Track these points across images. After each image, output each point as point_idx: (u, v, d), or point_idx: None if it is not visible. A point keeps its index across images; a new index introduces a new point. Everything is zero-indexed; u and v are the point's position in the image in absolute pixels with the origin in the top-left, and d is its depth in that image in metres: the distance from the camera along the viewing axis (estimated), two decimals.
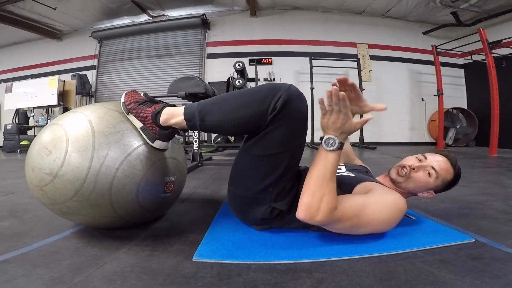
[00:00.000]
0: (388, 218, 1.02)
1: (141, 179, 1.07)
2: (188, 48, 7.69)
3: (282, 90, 0.96)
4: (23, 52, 8.39)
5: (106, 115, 1.10)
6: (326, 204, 0.90)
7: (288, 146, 1.02)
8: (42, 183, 1.01)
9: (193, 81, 3.24)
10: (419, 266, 0.87)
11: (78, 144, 1.00)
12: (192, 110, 1.05)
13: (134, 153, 1.06)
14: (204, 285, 0.78)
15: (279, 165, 1.03)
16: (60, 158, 0.99)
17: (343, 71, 7.22)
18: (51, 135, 1.05)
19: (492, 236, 1.11)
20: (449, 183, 1.21)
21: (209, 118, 1.02)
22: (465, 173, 2.71)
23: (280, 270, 0.87)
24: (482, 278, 0.79)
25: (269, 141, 1.00)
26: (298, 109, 0.98)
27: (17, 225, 1.29)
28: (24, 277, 0.81)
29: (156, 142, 1.10)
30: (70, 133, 1.03)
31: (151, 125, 1.09)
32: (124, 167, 1.03)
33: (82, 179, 0.98)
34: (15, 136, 6.53)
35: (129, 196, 1.06)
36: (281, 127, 0.97)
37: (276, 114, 0.95)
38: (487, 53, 4.76)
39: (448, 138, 6.72)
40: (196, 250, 0.99)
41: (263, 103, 0.96)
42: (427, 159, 1.21)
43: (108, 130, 1.05)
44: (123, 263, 0.91)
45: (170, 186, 1.21)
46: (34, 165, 1.03)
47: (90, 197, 1.00)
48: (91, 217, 1.07)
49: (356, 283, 0.78)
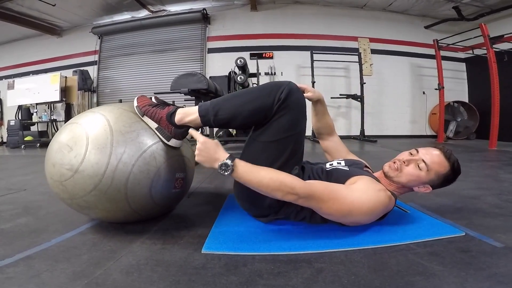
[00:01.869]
0: (367, 206, 1.06)
1: (154, 175, 1.15)
2: (189, 42, 7.70)
3: (284, 85, 1.13)
4: (24, 48, 8.43)
5: (122, 115, 1.18)
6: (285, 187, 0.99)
7: (292, 131, 1.14)
8: (63, 178, 1.09)
9: (196, 77, 3.29)
10: (411, 258, 0.94)
11: (98, 141, 1.08)
12: (206, 107, 1.17)
13: (149, 151, 1.14)
14: (213, 275, 0.85)
15: (286, 149, 1.14)
16: (80, 155, 1.07)
17: (344, 65, 7.27)
18: (72, 134, 1.13)
19: (482, 230, 1.17)
20: (446, 177, 1.22)
21: (222, 112, 1.15)
22: (464, 167, 2.75)
23: (283, 261, 0.94)
24: (468, 270, 0.86)
25: (276, 128, 1.13)
26: (298, 100, 1.14)
27: (33, 221, 1.36)
28: (49, 272, 0.88)
29: (172, 140, 1.20)
30: (90, 132, 1.11)
31: (167, 125, 1.18)
32: (140, 163, 1.11)
33: (101, 174, 1.06)
34: (18, 132, 6.60)
35: (143, 191, 1.14)
36: (285, 115, 1.12)
37: (281, 104, 1.10)
38: (488, 48, 4.77)
39: (449, 131, 6.77)
40: (204, 242, 1.07)
41: (269, 97, 1.11)
42: (418, 153, 1.24)
43: (125, 129, 1.14)
44: (138, 256, 0.98)
45: (180, 182, 1.28)
46: (55, 161, 1.10)
47: (107, 191, 1.08)
48: (107, 211, 1.15)
49: (352, 272, 0.85)
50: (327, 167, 1.34)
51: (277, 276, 0.84)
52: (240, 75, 4.35)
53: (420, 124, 7.64)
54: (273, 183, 0.99)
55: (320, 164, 1.41)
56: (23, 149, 6.08)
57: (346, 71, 7.44)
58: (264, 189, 1.01)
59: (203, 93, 3.37)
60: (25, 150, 5.86)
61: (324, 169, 1.31)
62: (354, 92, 6.98)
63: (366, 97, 6.73)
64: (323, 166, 1.35)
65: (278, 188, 0.99)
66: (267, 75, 7.33)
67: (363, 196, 1.06)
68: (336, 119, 7.42)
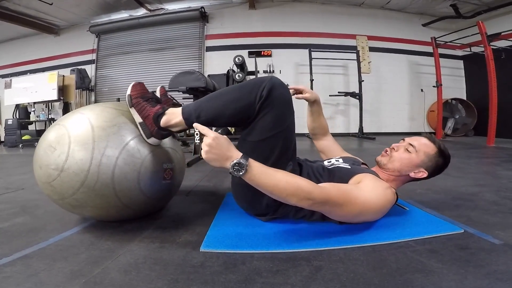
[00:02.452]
0: (377, 206, 1.07)
1: (140, 166, 1.15)
2: (187, 41, 7.69)
3: (266, 81, 1.10)
4: (21, 47, 8.39)
5: (103, 112, 1.20)
6: (301, 193, 0.94)
7: (279, 128, 1.12)
8: (50, 179, 1.09)
9: (194, 76, 3.28)
10: (410, 255, 0.94)
11: (80, 138, 1.10)
12: (189, 109, 1.16)
13: (131, 143, 1.15)
14: (212, 273, 0.85)
15: (275, 147, 1.13)
16: (64, 153, 1.08)
17: (342, 63, 7.26)
18: (55, 134, 1.13)
19: (481, 227, 1.17)
20: (436, 159, 1.26)
21: (204, 114, 1.14)
22: (462, 164, 2.80)
23: (281, 259, 0.93)
24: (467, 267, 0.85)
25: (262, 126, 1.11)
26: (281, 95, 1.11)
27: (30, 220, 1.36)
28: (46, 271, 0.87)
29: (151, 139, 1.20)
30: (72, 130, 1.12)
31: (151, 124, 1.18)
32: (124, 155, 1.12)
33: (86, 170, 1.07)
34: (16, 131, 6.59)
35: (131, 184, 1.14)
36: (270, 112, 1.10)
37: (263, 101, 1.08)
38: (486, 46, 4.78)
39: (447, 128, 6.80)
40: (203, 241, 1.06)
41: (251, 95, 1.09)
42: (405, 140, 1.32)
43: (106, 124, 1.15)
44: (136, 255, 0.98)
45: (169, 173, 1.29)
46: (41, 163, 1.11)
47: (95, 187, 1.08)
48: (98, 208, 1.14)
49: (351, 270, 0.85)
50: (328, 165, 1.33)
51: (276, 274, 0.84)
52: (238, 73, 4.35)
53: (418, 121, 7.66)
54: (290, 187, 0.93)
55: (319, 162, 1.41)
56: (21, 148, 6.07)
57: (344, 69, 7.44)
58: (277, 194, 0.94)
59: (202, 91, 3.36)
60: (22, 149, 5.84)
61: (325, 167, 1.31)
62: (352, 89, 6.97)
63: (364, 95, 6.73)
64: (323, 164, 1.35)
65: (294, 193, 0.92)
66: (266, 73, 7.32)
67: (372, 195, 1.06)
68: (334, 117, 7.43)
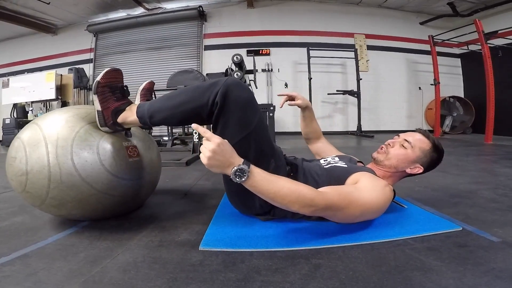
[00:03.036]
0: (377, 205, 1.07)
1: (97, 147, 1.17)
2: (185, 40, 7.67)
3: (219, 85, 1.06)
4: (18, 47, 8.36)
5: (48, 115, 1.26)
6: (303, 200, 0.92)
7: (245, 131, 1.09)
8: (23, 185, 1.13)
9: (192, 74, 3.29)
10: (409, 253, 0.94)
11: (31, 140, 1.14)
12: (143, 109, 1.17)
13: (82, 130, 1.18)
14: (211, 272, 0.85)
15: (248, 150, 1.10)
16: (23, 158, 1.12)
17: (341, 61, 7.27)
18: (13, 148, 1.18)
19: (479, 224, 1.17)
20: (431, 155, 1.27)
21: (156, 115, 1.15)
22: (460, 161, 2.81)
23: (280, 257, 0.94)
24: (465, 265, 0.86)
25: (228, 133, 1.08)
26: (238, 98, 1.07)
27: (29, 220, 1.36)
28: (45, 270, 0.87)
29: (104, 128, 1.21)
30: (23, 136, 1.17)
31: (108, 117, 1.19)
32: (77, 142, 1.15)
33: (46, 165, 1.10)
34: (14, 130, 6.55)
35: (95, 167, 1.15)
36: (231, 117, 1.07)
37: (220, 108, 1.06)
38: (483, 44, 4.79)
39: (445, 126, 6.82)
40: (202, 239, 1.06)
41: (203, 97, 1.07)
42: (400, 136, 1.33)
43: (51, 121, 1.20)
44: (135, 253, 0.98)
45: (133, 150, 1.30)
46: (11, 176, 1.16)
47: (62, 179, 1.10)
48: (77, 201, 1.14)
49: (349, 268, 0.85)
50: (324, 164, 1.33)
51: (275, 272, 0.84)
52: (236, 72, 4.34)
53: (416, 119, 7.68)
54: (291, 194, 0.91)
55: (315, 162, 1.41)
56: None
57: (342, 67, 7.44)
58: (279, 201, 0.92)
59: None
60: None
61: (322, 166, 1.30)
62: (350, 88, 6.97)
63: (362, 93, 6.74)
64: (319, 164, 1.34)
65: (296, 200, 0.91)
66: (264, 71, 7.33)
67: (372, 195, 1.05)
68: (333, 115, 7.44)
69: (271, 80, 7.44)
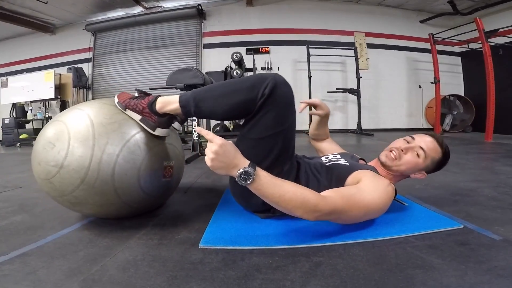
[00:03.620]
0: (380, 205, 1.06)
1: (140, 164, 1.14)
2: (184, 38, 7.65)
3: (269, 79, 1.06)
4: (17, 46, 8.34)
5: (102, 109, 1.18)
6: (307, 206, 0.91)
7: (279, 128, 1.10)
8: (50, 175, 1.07)
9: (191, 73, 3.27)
10: (410, 251, 0.94)
11: (80, 135, 1.08)
12: (187, 97, 1.14)
13: (132, 140, 1.13)
14: (211, 270, 0.84)
15: (275, 146, 1.11)
16: (64, 150, 1.06)
17: (340, 59, 7.25)
18: (53, 131, 1.11)
19: (480, 222, 1.17)
20: (439, 163, 1.25)
21: (202, 104, 1.12)
22: (460, 160, 2.80)
23: (281, 255, 0.93)
24: (467, 263, 0.85)
25: (263, 125, 1.09)
26: (284, 94, 1.08)
27: (29, 219, 1.35)
28: (45, 268, 0.87)
29: (157, 130, 1.18)
30: (71, 127, 1.10)
31: (149, 115, 1.16)
32: (124, 153, 1.10)
33: (86, 167, 1.05)
34: (13, 130, 6.56)
35: (131, 181, 1.13)
36: (271, 111, 1.07)
37: (265, 99, 1.05)
38: (483, 42, 4.77)
39: (445, 124, 6.81)
40: (202, 237, 1.06)
41: (252, 90, 1.06)
42: (414, 140, 1.25)
43: (106, 120, 1.13)
44: (135, 252, 0.97)
45: (169, 170, 1.27)
46: (40, 160, 1.09)
47: (95, 184, 1.07)
48: (98, 205, 1.13)
49: (350, 266, 0.85)
50: (325, 162, 1.32)
51: (275, 270, 0.84)
52: (236, 70, 4.33)
53: (416, 117, 7.67)
54: (296, 199, 0.90)
55: (316, 159, 1.40)
56: (19, 147, 6.04)
57: (342, 66, 7.42)
58: (283, 205, 0.91)
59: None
60: (20, 148, 5.82)
61: (323, 164, 1.29)
62: (350, 86, 6.96)
63: (362, 91, 6.72)
64: (321, 161, 1.33)
65: (300, 205, 0.90)
66: (264, 70, 7.31)
67: (375, 195, 1.04)
68: (333, 113, 7.38)
69: None
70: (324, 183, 1.19)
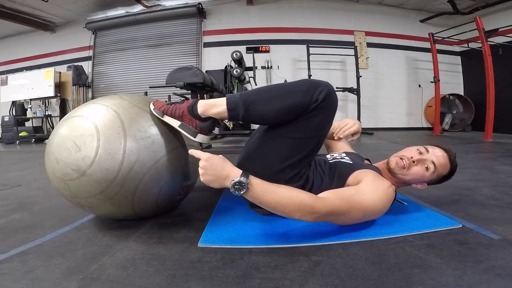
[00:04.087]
0: (380, 207, 1.06)
1: (164, 184, 1.12)
2: (184, 37, 7.64)
3: (323, 85, 1.06)
4: (17, 45, 8.34)
5: (137, 116, 1.10)
6: (303, 209, 0.92)
7: (318, 132, 1.11)
8: (67, 177, 1.02)
9: (191, 71, 3.26)
10: (408, 250, 0.94)
11: (110, 146, 1.01)
12: (236, 100, 1.08)
13: (162, 160, 1.09)
14: (210, 269, 0.84)
15: (305, 148, 1.11)
16: (90, 158, 0.99)
17: (340, 58, 7.25)
18: (81, 131, 1.03)
19: (479, 222, 1.17)
20: (443, 178, 1.24)
21: (253, 107, 1.07)
22: (460, 159, 2.76)
23: (280, 254, 0.93)
24: (466, 262, 0.85)
25: (305, 126, 1.08)
26: (333, 103, 1.09)
27: (28, 217, 1.35)
28: (43, 267, 0.87)
29: (198, 136, 1.12)
30: (102, 132, 1.02)
31: (190, 120, 1.11)
32: (151, 173, 1.07)
33: (109, 181, 1.01)
34: (13, 127, 6.56)
35: (150, 198, 1.12)
36: (318, 116, 1.07)
37: (318, 104, 1.04)
38: (483, 42, 4.77)
39: (445, 123, 6.81)
40: (201, 236, 1.06)
41: (307, 95, 1.04)
42: (428, 152, 1.21)
43: (140, 134, 1.06)
44: (134, 250, 0.97)
45: (186, 189, 1.28)
46: (60, 158, 1.02)
47: (114, 197, 1.04)
48: (108, 212, 1.14)
49: (349, 265, 0.85)
50: (330, 159, 1.32)
51: (274, 269, 0.84)
52: (236, 69, 4.33)
53: (416, 116, 7.67)
54: (292, 203, 0.90)
55: (321, 156, 1.40)
56: (18, 145, 6.04)
57: (342, 65, 7.42)
58: (281, 210, 0.92)
59: (199, 86, 3.35)
60: (20, 146, 5.82)
61: (327, 161, 1.29)
62: (350, 85, 6.96)
63: (362, 90, 6.72)
64: (325, 159, 1.33)
65: (297, 208, 0.90)
66: (264, 68, 7.31)
67: (375, 197, 1.04)
68: None
69: (270, 77, 7.42)
70: (327, 181, 1.19)
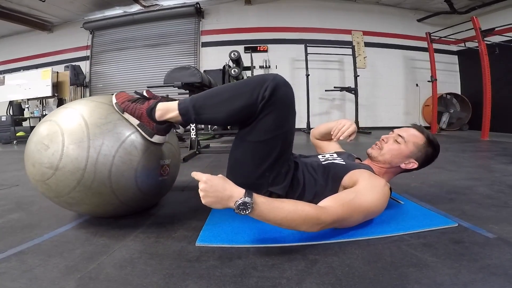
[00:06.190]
0: (378, 207, 1.07)
1: (137, 164, 1.13)
2: (182, 37, 7.63)
3: (269, 80, 1.05)
4: (14, 44, 8.31)
5: (96, 108, 1.16)
6: (310, 221, 0.91)
7: (279, 130, 1.10)
8: (45, 177, 1.07)
9: (189, 71, 3.26)
10: (404, 249, 0.95)
11: (74, 136, 1.06)
12: (186, 105, 1.11)
13: (128, 140, 1.12)
14: (207, 267, 0.85)
15: (274, 149, 1.10)
16: (58, 151, 1.04)
17: (338, 58, 7.26)
18: (46, 131, 1.09)
19: (475, 220, 1.18)
20: (426, 150, 1.26)
21: (203, 111, 1.10)
22: (456, 158, 2.82)
23: (277, 253, 0.94)
24: (461, 261, 0.86)
25: (262, 127, 1.08)
26: (285, 95, 1.08)
27: (25, 217, 1.35)
28: (41, 266, 0.87)
29: (155, 137, 1.16)
30: (65, 127, 1.08)
31: (148, 121, 1.14)
32: (121, 154, 1.10)
33: (82, 169, 1.04)
34: (10, 127, 6.53)
35: (128, 182, 1.13)
36: (271, 113, 1.06)
37: (265, 102, 1.04)
38: (480, 41, 4.79)
39: (442, 122, 6.84)
40: (199, 235, 1.06)
41: (253, 94, 1.05)
42: (394, 132, 1.33)
43: (100, 121, 1.11)
44: (131, 250, 0.98)
45: (166, 169, 1.28)
46: (34, 161, 1.08)
47: (92, 186, 1.07)
48: (95, 205, 1.14)
49: (346, 264, 0.86)
50: (322, 160, 1.33)
51: (272, 268, 0.85)
52: (234, 68, 4.33)
53: (413, 115, 7.69)
54: (298, 217, 0.89)
55: (312, 158, 1.41)
56: (15, 145, 6.01)
57: (340, 64, 7.43)
58: (287, 225, 0.91)
59: (197, 86, 3.35)
60: (17, 146, 5.79)
61: (320, 163, 1.30)
62: (348, 84, 6.97)
63: (360, 90, 6.74)
64: (317, 160, 1.34)
65: (303, 221, 0.90)
66: (262, 68, 7.31)
67: (373, 198, 1.05)
68: (330, 112, 7.44)
69: None
70: (321, 182, 1.20)
